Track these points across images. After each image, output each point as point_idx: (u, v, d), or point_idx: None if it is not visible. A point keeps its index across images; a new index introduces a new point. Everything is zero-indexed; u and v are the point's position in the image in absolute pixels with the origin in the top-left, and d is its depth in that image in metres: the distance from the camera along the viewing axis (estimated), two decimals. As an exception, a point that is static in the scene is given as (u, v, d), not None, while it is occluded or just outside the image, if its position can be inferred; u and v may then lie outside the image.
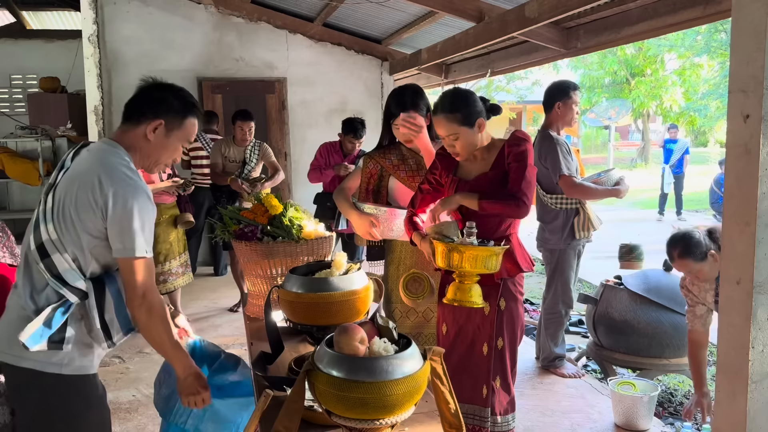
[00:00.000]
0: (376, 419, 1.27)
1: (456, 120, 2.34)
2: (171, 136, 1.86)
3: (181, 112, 1.86)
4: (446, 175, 2.50)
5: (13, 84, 8.93)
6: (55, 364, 1.74)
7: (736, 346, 2.46)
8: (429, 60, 6.32)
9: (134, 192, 1.73)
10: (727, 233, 2.48)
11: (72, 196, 1.72)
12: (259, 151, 5.36)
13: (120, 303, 1.81)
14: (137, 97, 1.86)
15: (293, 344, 2.06)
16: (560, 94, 3.84)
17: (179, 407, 2.18)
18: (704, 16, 3.46)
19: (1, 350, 1.77)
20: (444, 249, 2.16)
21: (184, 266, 5.03)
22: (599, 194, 3.82)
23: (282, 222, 2.41)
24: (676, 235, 2.95)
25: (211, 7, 7.07)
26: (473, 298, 2.19)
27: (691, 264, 2.86)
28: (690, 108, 20.14)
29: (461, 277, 2.19)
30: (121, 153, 1.79)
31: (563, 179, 3.71)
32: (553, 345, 4.01)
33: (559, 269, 3.90)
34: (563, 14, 3.89)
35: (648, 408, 3.26)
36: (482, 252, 2.12)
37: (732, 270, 2.47)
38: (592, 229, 3.83)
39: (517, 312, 2.47)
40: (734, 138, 2.41)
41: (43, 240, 1.73)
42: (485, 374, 2.41)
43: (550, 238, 3.88)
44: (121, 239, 1.71)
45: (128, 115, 1.85)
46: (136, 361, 4.34)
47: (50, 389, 1.76)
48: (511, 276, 2.41)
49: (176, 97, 1.87)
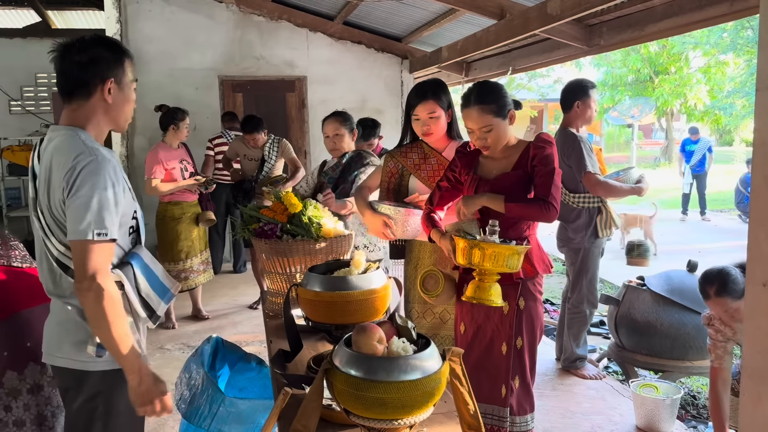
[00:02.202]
0: (394, 419, 1.27)
1: (491, 111, 2.32)
2: (123, 87, 1.76)
3: (118, 59, 1.74)
4: (466, 173, 2.47)
5: (38, 82, 9.07)
6: (105, 361, 1.72)
7: (761, 350, 2.41)
8: (449, 58, 6.30)
9: (89, 173, 1.62)
10: (752, 234, 2.43)
11: (52, 206, 1.68)
12: (278, 147, 5.35)
13: (150, 274, 1.80)
14: (67, 72, 1.71)
15: (312, 342, 2.06)
16: (579, 93, 3.82)
17: (203, 410, 2.18)
18: (731, 13, 3.40)
19: (50, 353, 1.78)
20: (465, 245, 2.14)
21: (205, 263, 5.08)
22: (622, 192, 3.82)
23: (301, 220, 2.41)
24: (711, 271, 2.79)
25: (233, 6, 7.12)
26: (492, 297, 2.17)
27: (729, 303, 2.71)
28: (715, 106, 19.85)
29: (481, 275, 2.17)
30: (76, 134, 1.69)
31: (587, 176, 3.69)
32: (575, 345, 3.97)
33: (584, 268, 3.87)
34: (586, 11, 3.84)
35: (670, 411, 3.21)
36: (505, 250, 2.10)
37: (758, 272, 2.42)
38: (615, 227, 3.82)
39: (536, 311, 2.45)
40: (761, 137, 2.36)
41: (56, 255, 1.71)
42: (504, 374, 2.39)
43: (573, 237, 3.85)
44: (72, 221, 1.62)
45: (71, 92, 1.73)
46: (156, 357, 4.38)
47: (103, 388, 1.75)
48: (529, 277, 2.39)
49: (105, 48, 1.74)
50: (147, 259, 1.84)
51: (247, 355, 2.46)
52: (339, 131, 3.53)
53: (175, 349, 4.57)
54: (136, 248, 1.83)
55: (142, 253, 1.83)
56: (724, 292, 2.70)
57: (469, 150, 2.52)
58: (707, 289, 2.76)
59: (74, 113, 1.74)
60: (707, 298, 2.78)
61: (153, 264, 1.85)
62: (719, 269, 2.77)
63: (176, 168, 4.76)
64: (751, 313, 2.52)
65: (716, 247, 8.58)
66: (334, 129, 3.54)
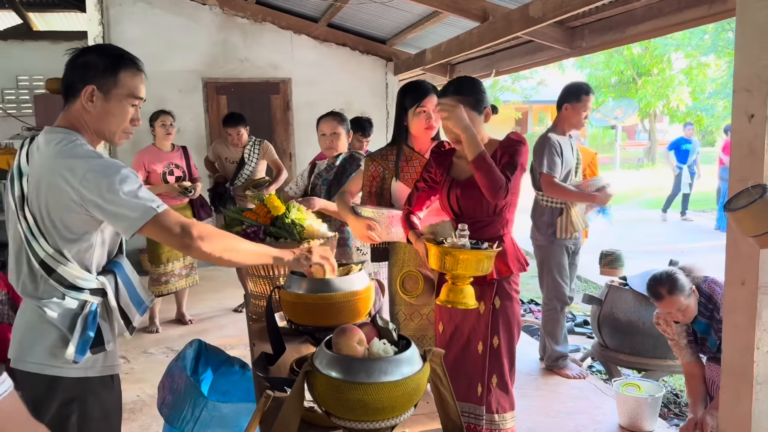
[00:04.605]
0: (375, 420, 1.27)
1: (467, 104, 2.32)
2: (111, 98, 1.69)
3: (110, 68, 1.68)
4: (440, 174, 2.48)
5: (19, 85, 8.97)
6: (80, 368, 1.69)
7: (740, 348, 2.44)
8: (433, 60, 6.32)
9: (103, 169, 1.59)
10: (731, 234, 2.46)
11: (47, 206, 1.63)
12: (260, 149, 5.32)
13: (130, 285, 1.79)
14: (65, 73, 1.70)
15: (295, 345, 2.06)
16: (570, 96, 3.86)
17: (186, 414, 2.17)
18: (709, 15, 3.44)
19: (20, 359, 1.70)
20: (437, 252, 2.14)
21: (188, 268, 5.02)
22: (576, 197, 3.83)
23: (284, 223, 2.40)
24: (659, 274, 2.92)
25: (216, 8, 7.09)
26: (466, 300, 2.17)
27: (681, 300, 2.85)
28: (697, 107, 20.07)
29: (454, 279, 2.18)
30: (68, 136, 1.66)
31: (543, 177, 3.78)
32: (554, 343, 4.01)
33: (547, 265, 3.95)
34: (567, 14, 3.88)
35: (653, 409, 3.24)
36: (475, 255, 2.10)
37: (737, 271, 2.45)
38: (573, 231, 3.86)
39: (512, 310, 2.45)
40: (738, 137, 2.39)
41: (42, 257, 1.65)
42: (480, 373, 2.40)
43: (536, 236, 3.97)
44: (126, 213, 1.58)
45: (64, 93, 1.71)
46: (141, 361, 4.34)
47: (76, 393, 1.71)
48: (503, 277, 2.40)
49: (101, 55, 1.70)
50: (128, 269, 1.82)
51: (230, 359, 2.44)
52: (336, 130, 3.53)
53: (159, 353, 4.54)
54: (118, 257, 1.82)
55: (123, 262, 1.82)
56: (677, 291, 2.84)
57: (443, 150, 2.53)
58: (659, 289, 2.89)
59: (65, 115, 1.72)
60: (660, 299, 2.92)
61: (132, 274, 1.84)
62: (666, 271, 2.92)
63: (157, 171, 4.73)
64: (730, 310, 2.55)
65: (698, 247, 8.67)
66: (332, 128, 3.53)
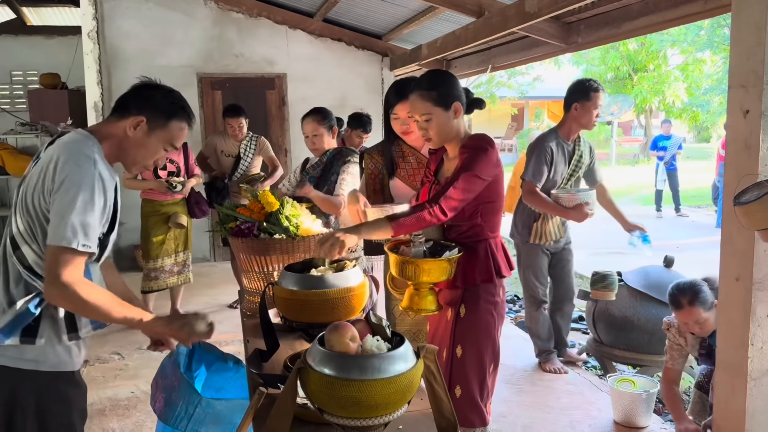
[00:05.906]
0: (368, 417, 1.26)
1: (430, 99, 2.15)
2: (152, 136, 1.79)
3: (166, 112, 1.80)
4: (430, 173, 2.42)
5: (13, 80, 8.91)
6: (30, 361, 1.68)
7: (735, 344, 2.45)
8: (429, 55, 6.30)
9: (82, 179, 1.61)
10: (726, 230, 2.47)
11: (32, 186, 1.66)
12: (256, 145, 5.29)
13: None
14: (128, 93, 1.82)
15: (289, 341, 2.05)
16: (579, 95, 3.64)
17: (180, 411, 2.16)
18: (705, 11, 3.44)
19: None
20: (397, 260, 2.11)
21: (180, 266, 4.97)
22: (552, 210, 3.67)
23: (278, 219, 2.39)
24: (683, 283, 2.87)
25: (211, 3, 7.06)
26: (427, 306, 2.15)
27: (701, 313, 2.80)
28: (693, 103, 20.11)
29: (416, 285, 2.15)
30: (90, 142, 1.70)
31: (525, 184, 3.69)
32: (536, 338, 4.03)
33: (522, 264, 3.94)
34: (563, 9, 3.87)
35: (647, 405, 3.24)
36: (436, 264, 2.07)
37: (731, 267, 2.46)
38: (547, 239, 3.80)
39: (482, 320, 2.23)
40: (734, 133, 2.39)
41: (13, 232, 1.68)
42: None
43: (515, 234, 3.96)
44: (56, 223, 1.59)
45: (115, 108, 1.81)
46: (135, 358, 4.33)
47: (26, 386, 1.70)
48: (471, 285, 2.23)
49: (164, 96, 1.83)
50: (96, 279, 1.78)
51: (224, 355, 2.43)
52: (317, 131, 3.47)
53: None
54: (92, 265, 1.78)
55: (94, 270, 1.78)
56: (698, 302, 2.81)
57: (437, 149, 2.49)
58: (680, 299, 2.85)
59: (103, 125, 1.80)
60: (680, 308, 2.87)
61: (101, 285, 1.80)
62: (691, 281, 2.89)
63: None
64: (724, 306, 2.56)
65: (693, 243, 8.69)
66: (312, 129, 3.49)
